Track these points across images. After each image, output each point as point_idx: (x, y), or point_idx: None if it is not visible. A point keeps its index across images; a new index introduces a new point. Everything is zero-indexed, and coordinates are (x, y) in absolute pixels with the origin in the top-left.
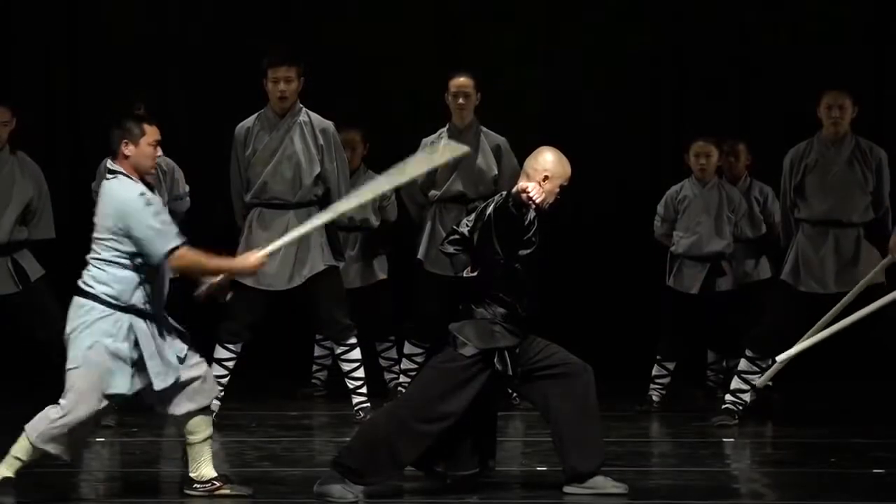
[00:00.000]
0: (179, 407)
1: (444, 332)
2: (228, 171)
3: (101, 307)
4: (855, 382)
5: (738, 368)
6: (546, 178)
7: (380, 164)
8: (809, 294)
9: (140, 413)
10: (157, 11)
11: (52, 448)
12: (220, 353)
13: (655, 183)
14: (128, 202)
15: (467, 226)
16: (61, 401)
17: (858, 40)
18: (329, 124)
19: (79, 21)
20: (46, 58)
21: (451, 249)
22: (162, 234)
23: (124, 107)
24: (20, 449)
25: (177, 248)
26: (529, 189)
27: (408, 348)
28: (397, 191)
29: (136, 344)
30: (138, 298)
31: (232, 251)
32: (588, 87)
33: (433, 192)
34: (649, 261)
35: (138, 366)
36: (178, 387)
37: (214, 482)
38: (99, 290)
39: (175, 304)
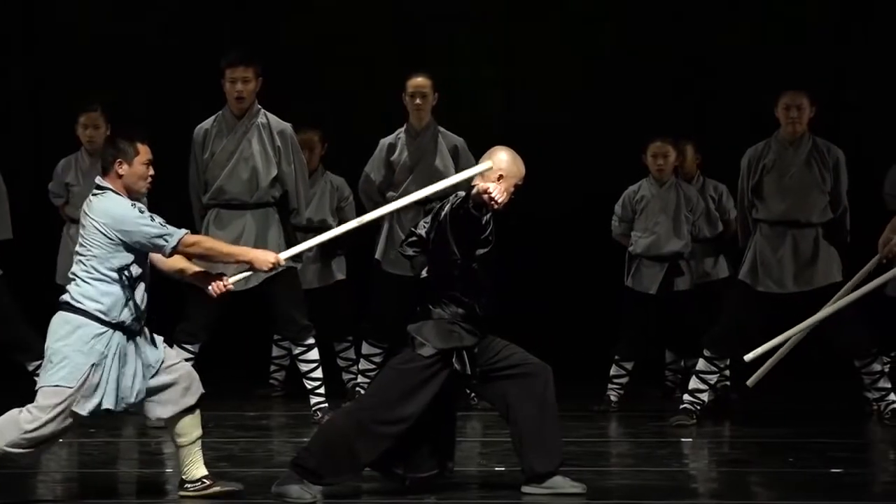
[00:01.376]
0: (165, 410)
1: (402, 333)
2: (187, 171)
3: (92, 324)
4: (812, 382)
5: (696, 368)
6: (501, 177)
7: (338, 166)
8: (767, 294)
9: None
10: (114, 10)
11: (14, 452)
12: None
13: (614, 183)
14: (121, 213)
15: (425, 227)
16: (33, 409)
17: (816, 40)
18: (287, 126)
19: (35, 20)
20: (3, 58)
21: (410, 252)
22: (165, 230)
23: (83, 107)
24: None
25: (184, 236)
26: (491, 190)
27: (366, 349)
28: (354, 191)
29: (121, 360)
30: (126, 315)
31: None
32: (546, 87)
33: (390, 193)
34: (607, 261)
35: (120, 381)
36: (160, 390)
37: (204, 480)
38: (88, 306)
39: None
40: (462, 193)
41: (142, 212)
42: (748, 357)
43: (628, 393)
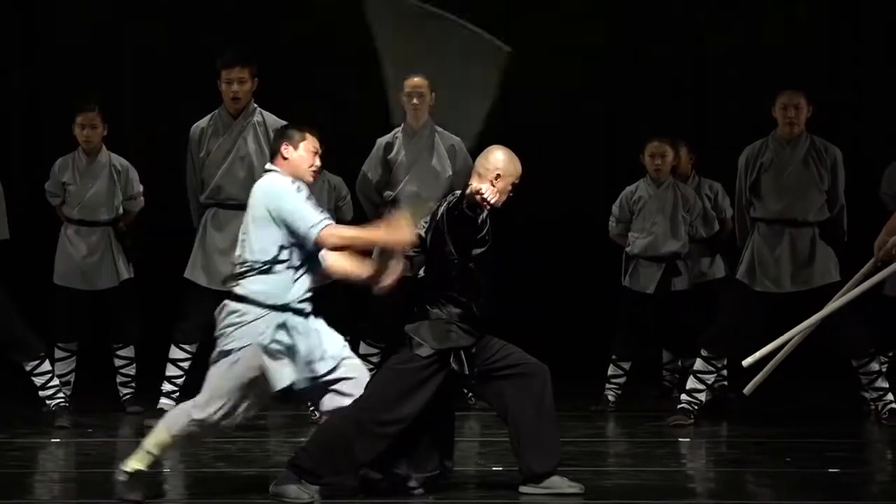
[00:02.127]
0: (331, 403)
1: (400, 333)
2: (184, 171)
3: (256, 309)
4: (810, 382)
5: (694, 368)
6: (498, 176)
7: (334, 165)
8: (765, 293)
9: (95, 414)
10: (111, 10)
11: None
12: (175, 353)
13: (611, 183)
14: (279, 187)
15: (423, 226)
16: (199, 398)
17: (812, 40)
18: (283, 124)
19: (33, 21)
20: (0, 58)
21: (409, 251)
22: (310, 212)
23: (80, 107)
24: (155, 443)
25: (327, 225)
26: (483, 190)
27: (363, 349)
28: (352, 190)
29: (294, 340)
30: (292, 297)
31: (186, 251)
32: (544, 87)
33: (388, 193)
34: (605, 261)
35: (296, 360)
36: (333, 383)
37: None
38: (252, 290)
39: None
40: (458, 192)
41: (300, 190)
42: (746, 362)
43: (626, 393)
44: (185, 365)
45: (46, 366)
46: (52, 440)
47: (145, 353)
